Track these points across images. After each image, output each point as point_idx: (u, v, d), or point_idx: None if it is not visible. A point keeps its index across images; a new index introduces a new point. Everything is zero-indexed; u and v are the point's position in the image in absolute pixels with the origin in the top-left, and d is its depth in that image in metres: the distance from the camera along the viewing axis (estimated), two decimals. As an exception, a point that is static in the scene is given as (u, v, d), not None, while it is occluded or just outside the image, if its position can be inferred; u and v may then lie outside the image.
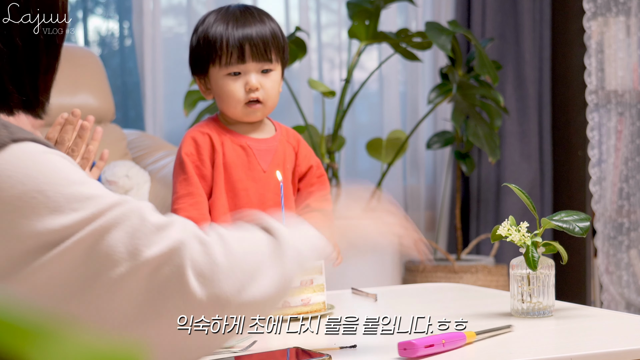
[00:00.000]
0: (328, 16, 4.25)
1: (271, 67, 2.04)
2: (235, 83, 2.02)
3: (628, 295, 3.93)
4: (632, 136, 3.94)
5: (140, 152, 3.43)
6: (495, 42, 4.06)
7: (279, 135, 2.12)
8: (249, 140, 2.07)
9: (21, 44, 1.20)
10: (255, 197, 2.03)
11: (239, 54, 2.01)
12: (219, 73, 2.03)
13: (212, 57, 2.03)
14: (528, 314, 1.74)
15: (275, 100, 2.07)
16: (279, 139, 2.10)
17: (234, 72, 2.02)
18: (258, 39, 2.02)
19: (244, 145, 2.06)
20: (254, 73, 2.02)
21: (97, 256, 1.08)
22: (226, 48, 2.01)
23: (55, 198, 1.07)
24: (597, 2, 3.89)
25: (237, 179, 2.03)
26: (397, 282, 3.68)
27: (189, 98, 3.51)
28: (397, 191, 4.11)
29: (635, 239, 3.94)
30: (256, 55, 2.02)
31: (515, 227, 1.74)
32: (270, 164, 2.05)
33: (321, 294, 1.81)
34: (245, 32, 2.02)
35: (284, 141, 2.11)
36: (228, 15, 2.05)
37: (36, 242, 1.06)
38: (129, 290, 1.09)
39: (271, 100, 2.05)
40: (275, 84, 2.05)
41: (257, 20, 2.04)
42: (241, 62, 2.01)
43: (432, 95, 3.78)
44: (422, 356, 1.43)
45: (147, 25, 3.72)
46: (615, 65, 3.91)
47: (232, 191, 2.03)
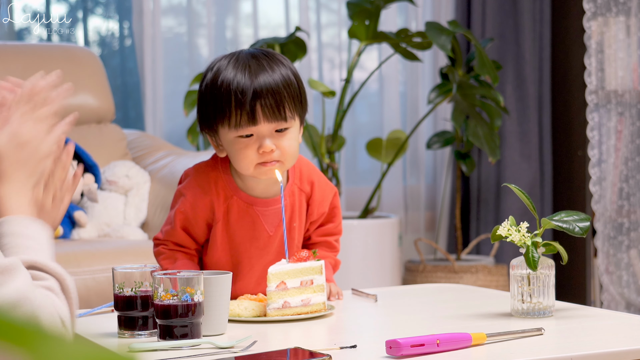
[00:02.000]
0: (328, 16, 4.25)
1: (287, 126, 1.84)
2: (248, 147, 1.82)
3: (628, 295, 3.93)
4: (632, 136, 3.94)
5: (140, 152, 3.43)
6: (495, 42, 4.06)
7: (290, 185, 1.95)
8: (257, 206, 1.91)
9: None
10: (257, 260, 1.93)
11: (250, 115, 1.81)
12: (228, 135, 1.84)
13: (220, 117, 1.83)
14: (528, 314, 1.74)
15: (294, 158, 1.87)
16: (290, 192, 1.94)
17: (245, 135, 1.83)
18: (269, 95, 1.81)
19: (251, 213, 1.91)
20: (267, 135, 1.82)
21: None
22: (235, 109, 1.81)
23: None
24: (597, 2, 3.89)
25: (243, 250, 1.93)
26: (397, 282, 3.68)
27: (189, 98, 3.51)
28: (397, 191, 4.11)
29: (635, 239, 3.94)
30: (268, 115, 1.81)
31: (515, 227, 1.74)
32: (277, 227, 1.92)
33: (321, 295, 1.81)
34: (255, 88, 1.80)
35: (296, 191, 1.96)
36: (237, 66, 1.83)
37: None
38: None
39: (289, 159, 1.86)
40: (292, 142, 1.84)
41: (266, 69, 1.83)
42: (252, 125, 1.81)
43: (432, 95, 3.78)
44: (409, 355, 1.42)
45: (147, 25, 3.72)
46: (615, 65, 3.91)
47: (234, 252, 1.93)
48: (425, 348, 1.43)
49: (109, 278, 2.62)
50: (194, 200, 1.89)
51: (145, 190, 3.24)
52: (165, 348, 1.53)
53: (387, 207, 4.08)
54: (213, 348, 1.53)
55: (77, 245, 2.87)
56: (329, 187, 2.00)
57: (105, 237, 3.10)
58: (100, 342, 1.60)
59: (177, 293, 1.56)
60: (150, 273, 1.65)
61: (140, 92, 3.80)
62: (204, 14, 3.90)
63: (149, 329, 1.64)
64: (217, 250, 1.92)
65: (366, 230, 3.62)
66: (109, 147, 3.38)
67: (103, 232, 3.12)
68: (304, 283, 1.79)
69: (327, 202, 1.99)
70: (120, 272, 1.65)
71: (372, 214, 3.76)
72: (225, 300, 1.66)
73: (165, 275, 1.58)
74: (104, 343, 1.59)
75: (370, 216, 3.75)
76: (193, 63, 3.88)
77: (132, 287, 1.64)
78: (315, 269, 1.81)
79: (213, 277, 1.66)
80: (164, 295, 1.56)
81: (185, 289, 1.56)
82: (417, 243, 3.92)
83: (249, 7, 3.98)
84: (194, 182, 1.90)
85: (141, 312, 1.64)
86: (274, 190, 1.92)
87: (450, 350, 1.47)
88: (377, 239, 3.61)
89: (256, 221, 1.91)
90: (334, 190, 2.02)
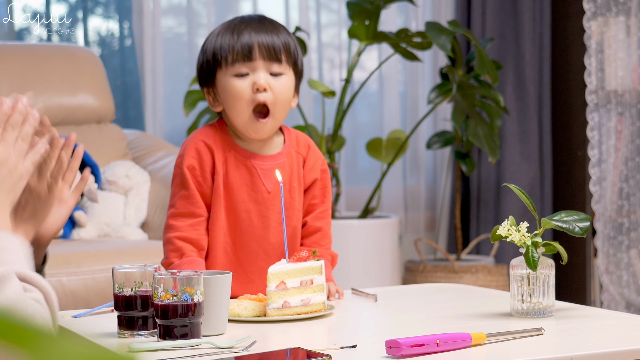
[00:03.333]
0: (328, 16, 4.25)
1: (281, 70, 1.90)
2: (243, 82, 1.89)
3: (628, 295, 3.93)
4: (632, 136, 3.94)
5: (140, 152, 3.43)
6: (495, 42, 4.06)
7: (287, 147, 1.99)
8: (254, 160, 1.95)
9: None
10: (258, 218, 1.95)
11: (246, 52, 1.88)
12: (225, 75, 1.90)
13: (218, 60, 1.90)
14: (528, 314, 1.74)
15: (284, 109, 1.92)
16: (287, 152, 1.98)
17: (241, 74, 1.89)
18: (267, 40, 1.89)
19: (249, 166, 1.94)
20: (262, 72, 1.89)
21: None
22: (232, 48, 1.89)
23: None
24: (597, 2, 3.89)
25: (239, 200, 1.94)
26: (397, 282, 3.68)
27: (189, 98, 3.51)
28: (397, 191, 4.12)
29: (635, 239, 3.94)
30: (264, 54, 1.89)
31: (515, 227, 1.74)
32: (275, 183, 1.95)
33: (321, 294, 1.81)
34: (254, 32, 1.90)
35: (293, 153, 1.99)
36: (239, 21, 1.93)
37: None
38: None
39: (280, 107, 1.91)
40: (285, 89, 1.91)
41: (268, 26, 1.92)
42: (248, 60, 1.89)
43: (432, 95, 3.78)
44: (409, 355, 1.42)
45: (147, 25, 3.72)
46: (615, 65, 3.91)
47: (233, 212, 1.94)
48: (425, 348, 1.43)
49: (109, 278, 2.63)
50: (197, 152, 1.93)
51: (145, 190, 3.24)
52: (165, 348, 1.53)
53: (387, 207, 4.08)
54: (213, 348, 1.53)
55: (77, 245, 2.87)
56: (321, 157, 2.05)
57: (105, 237, 3.10)
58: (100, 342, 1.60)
59: (177, 293, 1.56)
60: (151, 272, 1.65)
61: (140, 92, 3.80)
62: (204, 14, 3.90)
63: (149, 329, 1.64)
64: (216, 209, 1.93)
65: (366, 230, 3.61)
66: (109, 147, 3.38)
67: (103, 232, 3.12)
68: (303, 283, 1.79)
69: (317, 168, 2.03)
70: (120, 272, 1.65)
71: (372, 214, 3.76)
72: (225, 300, 1.66)
73: (165, 275, 1.58)
74: (104, 343, 1.59)
75: (370, 216, 3.75)
76: (193, 63, 3.88)
77: (132, 287, 1.64)
78: (315, 269, 1.81)
79: (213, 277, 1.66)
80: (164, 295, 1.56)
81: (185, 289, 1.56)
82: (417, 243, 3.92)
83: (249, 7, 3.98)
84: (193, 139, 1.95)
85: (141, 312, 1.64)
86: (269, 148, 1.97)
87: (450, 350, 1.46)
88: (377, 239, 3.61)
89: (253, 174, 1.95)
90: (325, 164, 2.06)
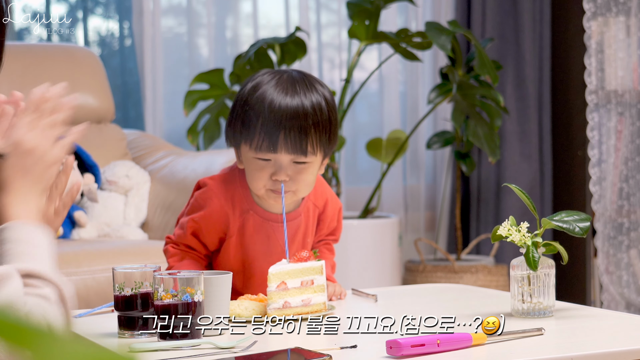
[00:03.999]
0: (328, 16, 4.25)
1: (306, 160, 1.85)
2: (263, 171, 1.86)
3: (628, 295, 3.92)
4: (632, 136, 3.94)
5: (140, 152, 3.43)
6: (495, 42, 4.06)
7: (306, 203, 1.98)
8: (272, 220, 1.93)
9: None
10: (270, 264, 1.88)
11: (271, 142, 1.83)
12: (249, 153, 1.87)
13: (245, 135, 1.86)
14: (528, 314, 1.74)
15: (308, 190, 1.90)
16: (305, 210, 1.97)
17: (264, 158, 1.85)
18: (295, 128, 1.83)
19: (266, 227, 1.93)
20: (285, 165, 1.85)
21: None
22: (259, 132, 1.83)
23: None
24: (597, 2, 3.88)
25: (253, 258, 1.94)
26: (397, 282, 3.68)
27: (189, 98, 3.51)
28: (397, 191, 4.11)
29: (635, 239, 3.94)
30: (289, 147, 1.83)
31: (516, 227, 1.74)
32: (290, 242, 1.93)
33: (322, 295, 1.81)
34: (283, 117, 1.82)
35: (310, 206, 1.99)
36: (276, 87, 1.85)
37: None
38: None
39: (302, 191, 1.89)
40: (308, 176, 1.87)
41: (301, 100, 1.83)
42: (272, 152, 1.83)
43: (432, 95, 3.78)
44: (410, 355, 1.42)
45: (147, 25, 3.72)
46: (615, 65, 3.91)
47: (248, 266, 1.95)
48: (426, 348, 1.43)
49: (109, 278, 2.62)
50: (210, 213, 1.91)
51: (145, 190, 3.24)
52: (165, 348, 1.53)
53: (387, 207, 4.08)
54: (213, 348, 1.52)
55: (77, 245, 2.87)
56: (337, 203, 2.05)
57: (105, 237, 3.10)
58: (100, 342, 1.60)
59: (177, 293, 1.56)
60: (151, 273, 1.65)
61: (140, 92, 3.80)
62: (204, 14, 3.90)
63: (149, 329, 1.64)
64: (229, 261, 1.94)
65: (366, 230, 3.61)
66: (109, 147, 3.38)
67: (103, 232, 3.12)
68: (304, 283, 1.79)
69: (334, 217, 2.04)
70: (120, 272, 1.65)
71: (372, 214, 3.76)
72: (225, 300, 1.66)
73: (165, 275, 1.58)
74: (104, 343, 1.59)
75: (370, 216, 3.75)
76: (193, 63, 3.88)
77: (132, 287, 1.64)
78: (316, 269, 1.81)
79: (213, 277, 1.66)
80: (164, 295, 1.56)
81: (185, 289, 1.56)
82: (417, 243, 3.91)
83: (249, 7, 3.98)
84: (212, 193, 1.92)
85: (141, 312, 1.64)
86: (289, 205, 1.94)
87: (451, 350, 1.46)
88: (377, 239, 3.61)
89: (271, 237, 1.94)
90: (340, 204, 2.07)
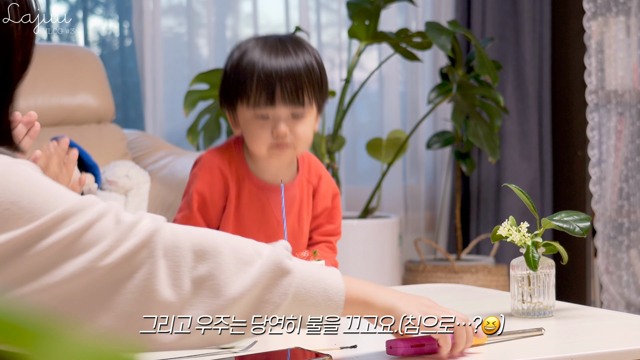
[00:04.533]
0: (328, 16, 4.25)
1: (303, 112, 1.90)
2: (263, 128, 1.89)
3: (628, 295, 3.93)
4: (632, 136, 3.94)
5: (140, 152, 3.43)
6: (495, 42, 4.06)
7: (300, 177, 2.00)
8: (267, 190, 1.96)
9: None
10: None
11: (268, 97, 1.87)
12: (246, 112, 1.90)
13: (240, 94, 1.89)
14: (528, 314, 1.74)
15: (307, 144, 1.93)
16: (299, 183, 1.99)
17: (262, 115, 1.89)
18: (290, 79, 1.87)
19: (261, 197, 1.95)
20: (283, 118, 1.89)
21: (75, 252, 1.11)
22: (255, 88, 1.88)
23: (30, 208, 1.10)
24: (597, 2, 3.89)
25: (249, 231, 1.93)
26: (397, 282, 3.68)
27: (189, 98, 3.51)
28: (397, 191, 4.11)
29: (635, 239, 3.94)
30: (287, 99, 1.88)
31: (516, 227, 1.74)
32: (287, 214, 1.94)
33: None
34: (277, 70, 1.87)
35: (304, 182, 2.01)
36: (264, 47, 1.90)
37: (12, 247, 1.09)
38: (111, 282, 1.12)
39: (302, 145, 1.92)
40: (307, 128, 1.91)
41: (290, 54, 1.89)
42: (270, 105, 1.88)
43: (432, 95, 3.78)
44: (409, 355, 1.42)
45: (147, 25, 3.72)
46: (615, 65, 3.91)
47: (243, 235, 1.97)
48: (425, 348, 1.43)
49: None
50: (211, 178, 1.93)
51: (145, 190, 3.24)
52: (165, 348, 1.52)
53: (387, 207, 4.08)
54: (213, 348, 1.52)
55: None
56: (332, 184, 2.06)
57: (105, 237, 3.10)
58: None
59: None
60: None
61: (140, 92, 3.80)
62: (204, 14, 3.90)
63: (149, 329, 1.64)
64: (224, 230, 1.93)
65: (366, 230, 3.61)
66: (109, 147, 3.38)
67: (103, 232, 3.12)
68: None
69: (329, 197, 2.04)
70: (121, 272, 1.65)
71: (372, 214, 3.76)
72: (225, 300, 1.66)
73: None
74: (104, 343, 1.59)
75: (370, 216, 3.75)
76: (193, 63, 3.88)
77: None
78: (316, 269, 1.81)
79: (213, 277, 1.65)
80: (164, 295, 1.56)
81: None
82: (417, 243, 3.92)
83: (249, 7, 3.98)
84: (209, 162, 1.95)
85: (141, 312, 1.64)
86: (284, 175, 1.97)
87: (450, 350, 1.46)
88: (377, 239, 3.61)
89: (266, 206, 1.95)
90: (337, 189, 2.07)
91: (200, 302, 1.17)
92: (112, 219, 1.15)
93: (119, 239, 1.13)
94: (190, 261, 1.18)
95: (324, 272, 1.28)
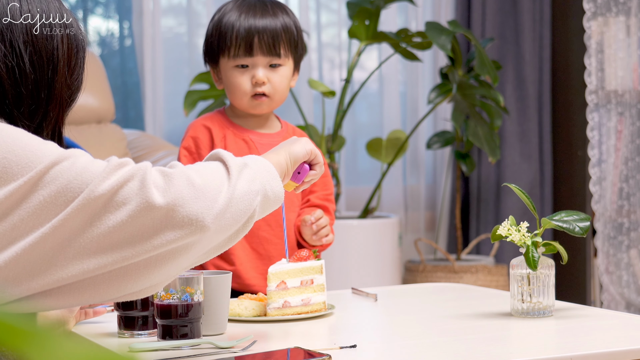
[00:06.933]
0: (328, 16, 4.25)
1: (280, 62, 2.08)
2: (242, 76, 2.07)
3: (628, 295, 3.93)
4: (632, 136, 3.94)
5: (140, 152, 3.43)
6: (495, 42, 4.06)
7: (283, 132, 2.16)
8: (252, 134, 2.12)
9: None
10: None
11: (247, 46, 2.06)
12: (227, 64, 2.08)
13: (222, 47, 2.08)
14: (528, 314, 1.74)
15: (283, 95, 2.11)
16: (284, 136, 2.13)
17: (241, 65, 2.07)
18: (267, 33, 2.06)
19: (246, 139, 2.11)
20: (261, 67, 2.07)
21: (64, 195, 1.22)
22: (235, 40, 2.06)
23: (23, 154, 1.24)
24: (597, 2, 3.89)
25: None
26: (397, 282, 3.68)
27: (189, 98, 3.51)
28: (397, 191, 4.11)
29: (635, 239, 3.94)
30: (264, 49, 2.06)
31: (516, 227, 1.74)
32: None
33: (321, 294, 1.81)
34: (255, 25, 2.06)
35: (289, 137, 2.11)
36: (242, 6, 2.09)
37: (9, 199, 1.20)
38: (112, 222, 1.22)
39: (278, 94, 2.09)
40: (283, 79, 2.09)
41: (269, 13, 2.08)
42: (249, 55, 2.06)
43: (432, 95, 3.78)
44: None
45: (147, 25, 3.72)
46: (615, 65, 3.91)
47: None
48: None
49: (109, 278, 2.62)
50: (195, 132, 2.11)
51: (145, 190, 3.23)
52: (165, 348, 1.53)
53: (387, 207, 4.08)
54: (213, 348, 1.53)
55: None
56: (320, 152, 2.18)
57: (105, 237, 3.10)
58: (100, 342, 1.60)
59: (177, 293, 1.56)
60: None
61: (140, 92, 3.80)
62: (204, 14, 3.90)
63: (149, 329, 1.64)
64: None
65: (366, 230, 3.61)
66: (109, 147, 3.38)
67: (103, 232, 3.12)
68: (304, 283, 1.79)
69: None
70: (120, 272, 1.65)
71: (372, 214, 3.76)
72: (225, 300, 1.66)
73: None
74: (104, 343, 1.59)
75: (370, 216, 3.75)
76: (193, 63, 3.88)
77: (132, 287, 1.64)
78: (316, 269, 1.81)
79: (213, 277, 1.66)
80: (164, 295, 1.56)
81: (185, 288, 1.56)
82: (417, 243, 3.92)
83: (249, 7, 3.98)
84: (193, 125, 2.13)
85: (141, 312, 1.64)
86: (267, 128, 2.14)
87: None
88: (377, 239, 3.61)
89: (251, 147, 2.10)
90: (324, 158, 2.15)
91: None
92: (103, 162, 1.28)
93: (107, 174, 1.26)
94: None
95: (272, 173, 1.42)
